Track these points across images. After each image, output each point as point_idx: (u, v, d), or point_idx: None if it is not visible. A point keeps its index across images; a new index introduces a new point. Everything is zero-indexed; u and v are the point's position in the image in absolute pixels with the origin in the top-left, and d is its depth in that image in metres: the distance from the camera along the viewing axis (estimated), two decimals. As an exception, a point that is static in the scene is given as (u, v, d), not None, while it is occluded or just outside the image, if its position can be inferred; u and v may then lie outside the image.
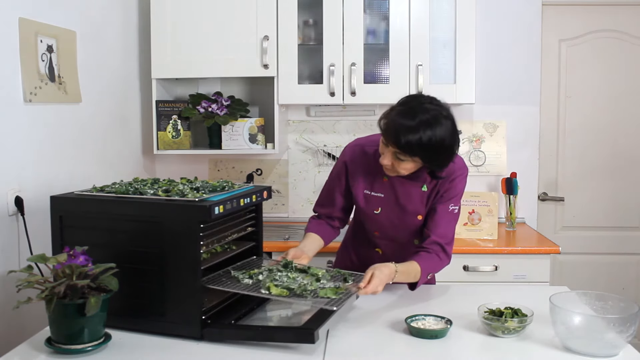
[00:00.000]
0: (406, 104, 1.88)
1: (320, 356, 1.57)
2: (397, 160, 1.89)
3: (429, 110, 1.84)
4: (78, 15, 2.52)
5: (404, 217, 2.09)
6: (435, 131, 1.81)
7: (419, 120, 1.81)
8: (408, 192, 2.06)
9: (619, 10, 3.51)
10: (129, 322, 1.71)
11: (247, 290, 1.71)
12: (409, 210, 2.07)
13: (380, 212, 2.10)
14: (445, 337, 1.68)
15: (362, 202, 2.13)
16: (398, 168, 1.92)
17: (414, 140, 1.80)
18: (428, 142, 1.81)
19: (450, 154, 1.90)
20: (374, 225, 2.15)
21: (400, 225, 2.11)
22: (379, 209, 2.10)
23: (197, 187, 1.80)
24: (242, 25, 3.09)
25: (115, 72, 2.93)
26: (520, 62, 3.46)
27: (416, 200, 2.06)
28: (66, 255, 1.55)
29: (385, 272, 1.85)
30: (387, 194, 2.08)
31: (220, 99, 3.21)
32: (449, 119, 1.87)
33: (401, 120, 1.83)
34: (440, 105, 1.89)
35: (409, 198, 2.06)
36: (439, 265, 2.04)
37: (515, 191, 3.33)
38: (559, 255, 3.23)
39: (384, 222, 2.12)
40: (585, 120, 3.57)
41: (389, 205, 2.09)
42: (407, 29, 3.10)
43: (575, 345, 1.57)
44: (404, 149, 1.83)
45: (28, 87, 2.13)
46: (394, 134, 1.83)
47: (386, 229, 2.13)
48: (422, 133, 1.80)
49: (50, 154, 2.31)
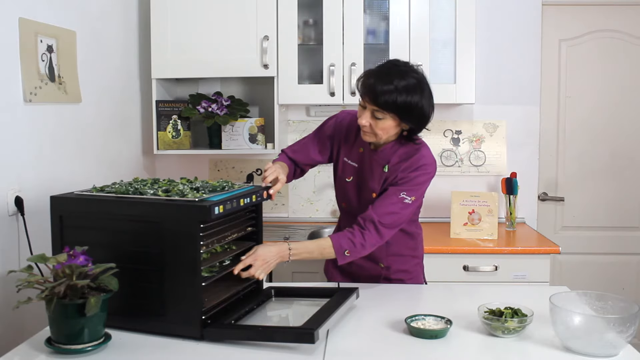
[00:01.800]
0: (381, 65, 2.02)
1: (320, 356, 1.57)
2: (375, 119, 1.98)
3: (400, 66, 2.00)
4: (78, 15, 2.52)
5: (363, 191, 2.14)
6: (408, 82, 1.94)
7: (392, 73, 1.95)
8: (372, 168, 2.11)
9: (619, 10, 3.51)
10: (129, 322, 1.71)
11: None
12: (368, 185, 2.12)
13: (351, 181, 2.17)
14: (445, 337, 1.68)
15: (340, 168, 2.21)
16: (376, 129, 1.99)
17: (388, 89, 1.92)
18: (403, 90, 1.92)
19: (421, 109, 1.98)
20: (342, 195, 2.22)
21: (360, 198, 2.15)
22: (350, 177, 2.18)
23: (197, 187, 1.80)
24: (242, 25, 3.09)
25: (115, 72, 2.93)
26: (520, 62, 3.46)
27: (376, 177, 2.11)
28: (66, 255, 1.55)
29: (273, 250, 1.92)
30: (359, 165, 2.15)
31: (220, 99, 3.21)
32: (419, 74, 2.00)
33: (377, 76, 1.96)
34: (413, 68, 2.01)
35: (371, 173, 2.12)
36: (365, 239, 1.99)
37: (515, 191, 3.33)
38: (559, 255, 3.23)
39: (350, 193, 2.18)
40: (585, 120, 3.57)
41: (358, 176, 2.16)
42: (407, 29, 3.10)
43: (575, 345, 1.57)
44: (379, 102, 1.93)
45: (28, 87, 2.13)
46: (370, 88, 1.95)
47: (350, 200, 2.19)
48: (397, 83, 1.93)
49: (50, 154, 2.31)
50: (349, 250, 1.99)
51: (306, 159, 2.27)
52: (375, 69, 2.00)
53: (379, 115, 1.96)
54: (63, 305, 1.52)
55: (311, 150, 2.26)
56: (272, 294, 1.99)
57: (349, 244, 1.99)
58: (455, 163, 3.50)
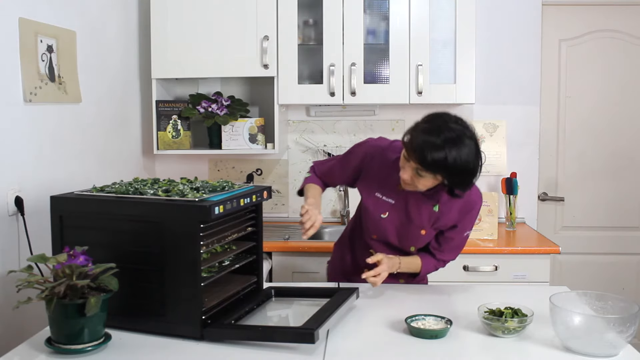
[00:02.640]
0: (432, 122, 1.86)
1: (320, 356, 1.57)
2: (418, 176, 1.88)
3: (454, 129, 1.82)
4: (78, 15, 2.52)
5: (408, 227, 2.09)
6: (460, 151, 1.80)
7: (444, 138, 1.79)
8: (419, 206, 2.06)
9: (619, 10, 3.51)
10: (129, 322, 1.71)
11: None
12: (415, 223, 2.08)
13: (387, 217, 2.10)
14: (445, 337, 1.68)
15: (371, 204, 2.12)
16: (417, 184, 1.91)
17: (439, 158, 1.79)
18: (453, 162, 1.79)
19: (472, 175, 1.87)
20: (375, 228, 2.15)
21: (403, 233, 2.11)
22: (386, 213, 2.10)
23: (197, 187, 1.80)
24: (242, 25, 3.09)
25: (115, 72, 2.93)
26: (520, 62, 3.46)
27: (424, 216, 2.06)
28: (66, 255, 1.55)
29: (393, 260, 2.06)
30: (397, 202, 2.08)
31: (220, 99, 3.21)
32: (473, 139, 1.85)
33: (427, 137, 1.81)
34: (466, 126, 1.86)
35: (418, 212, 2.06)
36: (434, 268, 2.20)
37: (515, 191, 3.33)
38: (559, 255, 3.23)
39: (387, 228, 2.12)
40: (585, 120, 3.57)
41: (397, 212, 2.09)
42: (407, 29, 3.10)
43: (575, 345, 1.57)
44: (427, 166, 1.82)
45: (28, 87, 2.13)
46: (419, 151, 1.81)
47: (387, 235, 2.13)
48: (448, 152, 1.79)
49: (50, 154, 2.31)
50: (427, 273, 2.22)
51: (332, 183, 2.32)
52: (425, 126, 1.85)
53: (423, 174, 1.86)
54: (63, 305, 1.52)
55: (337, 177, 2.28)
56: (272, 294, 1.99)
57: (431, 269, 2.19)
58: (455, 163, 3.50)
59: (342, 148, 3.49)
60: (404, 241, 2.12)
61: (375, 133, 3.45)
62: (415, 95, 3.11)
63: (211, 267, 1.77)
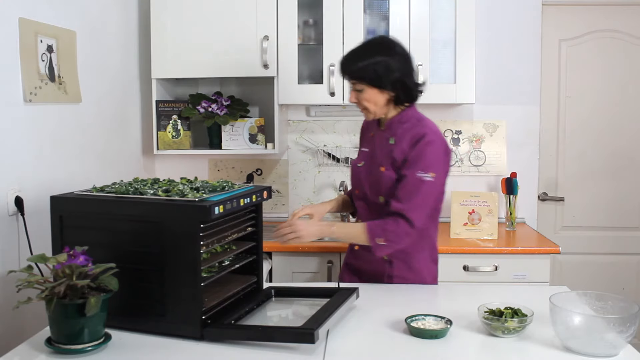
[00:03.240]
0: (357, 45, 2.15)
1: (320, 356, 1.57)
2: (357, 92, 2.11)
3: (370, 39, 2.18)
4: (78, 15, 2.52)
5: (373, 169, 2.18)
6: (371, 48, 2.10)
7: (357, 47, 2.12)
8: (381, 145, 2.19)
9: (619, 10, 3.51)
10: (129, 322, 1.71)
11: None
12: (377, 161, 2.17)
13: (362, 165, 2.24)
14: (445, 337, 1.68)
15: (354, 161, 2.30)
16: (363, 102, 2.11)
17: (355, 61, 2.08)
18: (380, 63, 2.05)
19: (394, 73, 2.07)
20: (355, 181, 2.27)
21: (371, 179, 2.19)
22: (362, 162, 2.25)
23: (197, 187, 1.80)
24: (242, 25, 3.09)
25: (115, 72, 2.93)
26: (520, 62, 3.46)
27: (384, 151, 2.16)
28: (66, 255, 1.55)
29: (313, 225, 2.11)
30: (370, 148, 2.24)
31: (220, 99, 3.21)
32: (391, 43, 2.14)
33: (350, 55, 2.13)
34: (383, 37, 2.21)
35: (380, 150, 2.18)
36: (397, 226, 2.03)
37: (515, 191, 3.33)
38: (559, 255, 3.23)
39: (361, 176, 2.23)
40: (585, 120, 3.57)
41: (369, 158, 2.22)
42: (407, 29, 3.10)
43: (575, 345, 1.57)
44: (352, 74, 2.09)
45: (28, 87, 2.13)
46: (342, 66, 2.11)
47: (362, 183, 2.22)
48: (359, 50, 2.10)
49: (50, 154, 2.31)
50: (382, 237, 2.04)
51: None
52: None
53: (358, 87, 2.10)
54: (63, 305, 1.52)
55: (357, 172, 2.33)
56: (272, 294, 1.99)
57: (380, 230, 2.04)
58: (455, 163, 3.50)
59: (342, 148, 3.49)
60: (373, 187, 2.18)
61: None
62: (415, 95, 3.10)
63: (211, 267, 1.77)
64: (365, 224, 2.07)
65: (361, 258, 2.24)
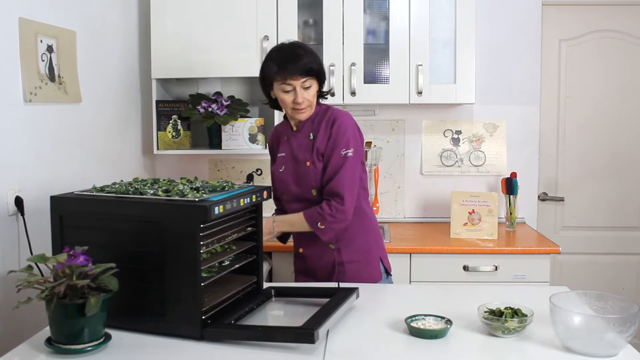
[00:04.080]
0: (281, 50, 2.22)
1: (320, 356, 1.57)
2: (305, 90, 2.18)
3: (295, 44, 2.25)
4: (78, 15, 2.52)
5: (298, 167, 2.27)
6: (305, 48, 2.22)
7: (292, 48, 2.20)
8: (299, 144, 2.28)
9: (619, 10, 3.51)
10: (129, 322, 1.71)
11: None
12: (300, 159, 2.26)
13: (283, 169, 2.32)
14: (445, 337, 1.68)
15: (274, 166, 2.37)
16: (309, 97, 2.19)
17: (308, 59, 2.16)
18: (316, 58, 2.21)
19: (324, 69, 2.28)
20: (280, 186, 2.34)
21: (297, 177, 2.27)
22: (282, 167, 2.32)
23: (197, 187, 1.80)
24: (242, 25, 3.09)
25: (115, 72, 2.93)
26: (520, 62, 3.46)
27: (305, 148, 2.26)
28: (66, 255, 1.55)
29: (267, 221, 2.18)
30: (287, 152, 2.32)
31: (220, 99, 3.21)
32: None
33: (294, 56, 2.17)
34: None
35: (300, 148, 2.27)
36: (330, 208, 2.17)
37: (515, 191, 3.33)
38: (559, 255, 3.24)
39: (286, 179, 2.30)
40: (585, 120, 3.58)
41: (288, 161, 2.31)
42: (407, 29, 3.10)
43: (575, 345, 1.57)
44: (307, 71, 2.16)
45: (28, 87, 2.13)
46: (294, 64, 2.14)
47: (288, 185, 2.30)
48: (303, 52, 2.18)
49: (50, 154, 2.31)
50: (320, 221, 2.17)
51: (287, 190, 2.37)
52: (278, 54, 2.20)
53: (307, 84, 2.17)
54: (63, 305, 1.52)
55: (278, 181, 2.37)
56: (272, 294, 1.99)
57: (317, 215, 2.17)
58: (455, 163, 3.50)
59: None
60: (301, 184, 2.26)
61: (375, 133, 3.45)
62: (415, 95, 3.11)
63: (211, 267, 1.77)
64: (303, 213, 2.21)
65: (308, 258, 2.32)
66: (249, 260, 1.96)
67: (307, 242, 2.31)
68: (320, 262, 2.29)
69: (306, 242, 2.31)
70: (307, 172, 2.23)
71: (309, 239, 2.28)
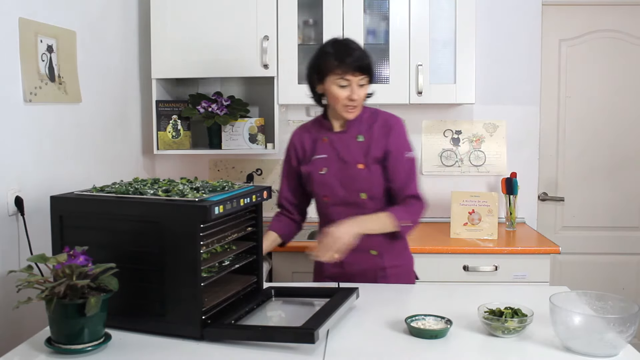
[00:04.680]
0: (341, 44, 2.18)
1: (320, 356, 1.57)
2: (360, 88, 2.14)
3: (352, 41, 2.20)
4: (78, 15, 2.52)
5: (347, 170, 2.20)
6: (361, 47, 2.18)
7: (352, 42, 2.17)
8: (346, 146, 2.22)
9: (619, 10, 3.51)
10: (129, 322, 1.71)
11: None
12: (350, 161, 2.20)
13: (326, 172, 2.23)
14: (445, 337, 1.68)
15: (311, 169, 2.26)
16: (362, 96, 2.15)
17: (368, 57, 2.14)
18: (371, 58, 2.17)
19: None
20: (321, 188, 2.25)
21: (345, 180, 2.20)
22: (324, 169, 2.23)
23: (197, 187, 1.80)
24: (242, 25, 3.09)
25: (115, 72, 2.93)
26: (520, 62, 3.46)
27: (354, 150, 2.20)
28: (66, 255, 1.55)
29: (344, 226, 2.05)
30: (329, 154, 2.24)
31: (220, 99, 3.21)
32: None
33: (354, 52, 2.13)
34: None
35: (347, 151, 2.21)
36: (413, 208, 2.19)
37: (515, 191, 3.33)
38: (559, 255, 3.23)
39: (329, 181, 2.22)
40: (585, 120, 3.58)
41: (332, 163, 2.23)
42: (407, 29, 3.10)
43: (575, 345, 1.57)
44: (366, 68, 2.12)
45: (28, 87, 2.13)
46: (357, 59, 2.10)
47: (333, 188, 2.22)
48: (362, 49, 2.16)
49: (50, 154, 2.31)
50: (409, 219, 2.17)
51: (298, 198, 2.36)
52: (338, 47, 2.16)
53: (362, 82, 2.13)
54: (63, 305, 1.52)
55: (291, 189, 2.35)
56: (272, 294, 1.99)
57: (405, 214, 2.16)
58: (455, 163, 3.50)
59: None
60: (350, 187, 2.20)
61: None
62: (415, 95, 3.11)
63: (211, 267, 1.77)
64: (388, 212, 2.15)
65: (347, 264, 2.22)
66: (249, 260, 1.96)
67: (336, 208, 2.24)
68: (361, 267, 2.23)
69: (336, 208, 2.24)
70: (357, 175, 2.18)
71: (337, 204, 2.23)
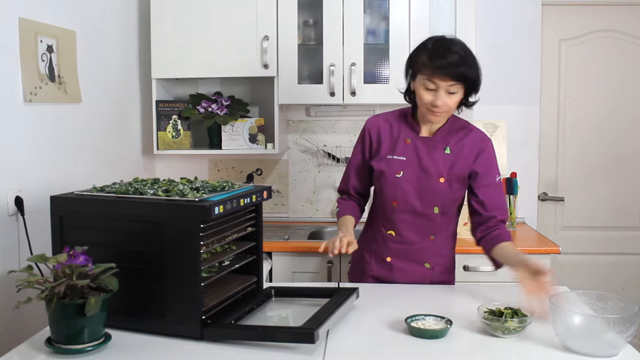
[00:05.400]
0: (439, 43, 2.02)
1: (320, 356, 1.57)
2: (449, 95, 2.00)
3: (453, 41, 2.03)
4: (78, 15, 2.52)
5: (426, 180, 2.10)
6: (471, 54, 2.02)
7: (460, 48, 1.99)
8: (431, 155, 2.11)
9: (619, 10, 3.51)
10: (129, 322, 1.71)
11: None
12: (431, 172, 2.10)
13: (402, 175, 2.12)
14: (445, 337, 1.68)
15: (384, 166, 2.14)
16: (450, 103, 2.01)
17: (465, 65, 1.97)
18: (474, 64, 2.00)
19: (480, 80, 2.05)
20: (393, 192, 2.13)
21: (422, 190, 2.11)
22: (400, 172, 2.12)
23: (197, 187, 1.80)
24: (242, 25, 3.09)
25: (115, 72, 2.93)
26: (520, 62, 3.46)
27: (439, 162, 2.11)
28: (66, 255, 1.55)
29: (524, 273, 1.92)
30: (409, 157, 2.12)
31: (220, 99, 3.21)
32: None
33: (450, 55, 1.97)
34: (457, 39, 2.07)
35: (431, 160, 2.11)
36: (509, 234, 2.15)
37: (515, 191, 3.33)
38: (559, 255, 3.23)
39: (405, 187, 2.11)
40: (585, 120, 3.58)
41: (411, 168, 2.12)
42: (407, 29, 3.10)
43: (575, 345, 1.57)
44: (461, 77, 1.97)
45: (28, 87, 2.13)
46: (454, 66, 1.96)
47: (406, 196, 2.12)
48: (469, 57, 2.00)
49: (50, 154, 2.31)
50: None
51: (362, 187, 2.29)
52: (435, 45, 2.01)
53: (453, 90, 1.99)
54: (63, 305, 1.52)
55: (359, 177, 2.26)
56: (272, 294, 1.99)
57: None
58: (455, 163, 3.50)
59: (342, 148, 3.49)
60: (425, 199, 2.11)
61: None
62: (415, 95, 3.10)
63: (211, 267, 1.77)
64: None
65: (397, 270, 2.19)
66: (249, 260, 1.96)
67: (399, 254, 2.18)
68: (412, 277, 2.20)
69: (399, 254, 2.18)
70: (436, 188, 2.09)
71: (403, 252, 2.18)
